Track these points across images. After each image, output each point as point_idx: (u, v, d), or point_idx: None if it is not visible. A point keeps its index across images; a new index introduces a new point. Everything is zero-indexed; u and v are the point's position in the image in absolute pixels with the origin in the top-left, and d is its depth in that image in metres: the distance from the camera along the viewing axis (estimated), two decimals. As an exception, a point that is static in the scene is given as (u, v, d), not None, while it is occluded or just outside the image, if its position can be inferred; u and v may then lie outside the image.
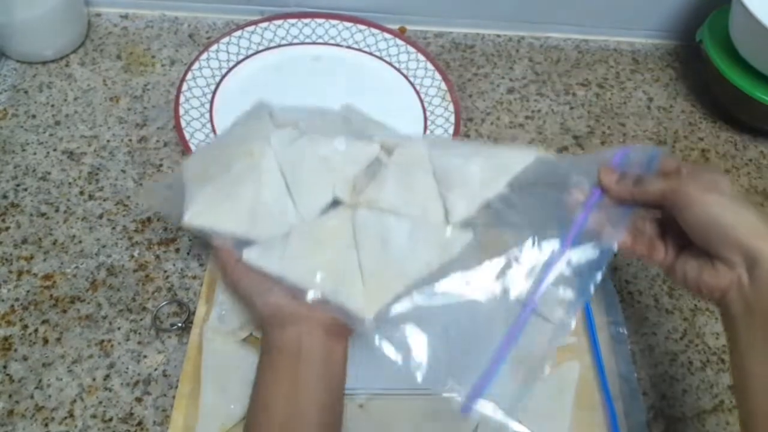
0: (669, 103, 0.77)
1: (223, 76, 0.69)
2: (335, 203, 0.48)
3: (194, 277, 0.57)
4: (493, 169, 0.49)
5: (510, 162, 0.49)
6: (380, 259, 0.45)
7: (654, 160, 0.46)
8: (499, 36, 0.80)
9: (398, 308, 0.45)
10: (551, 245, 0.46)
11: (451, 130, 0.67)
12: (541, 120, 0.73)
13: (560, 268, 0.45)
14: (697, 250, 0.42)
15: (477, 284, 0.46)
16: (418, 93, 0.71)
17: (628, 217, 0.45)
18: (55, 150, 0.64)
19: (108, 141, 0.65)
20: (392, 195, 0.48)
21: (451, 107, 0.69)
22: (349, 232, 0.46)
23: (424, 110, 0.69)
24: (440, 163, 0.49)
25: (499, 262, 0.46)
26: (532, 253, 0.46)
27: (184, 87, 0.67)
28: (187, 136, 0.63)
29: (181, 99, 0.66)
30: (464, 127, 0.70)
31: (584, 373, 0.53)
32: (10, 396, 0.50)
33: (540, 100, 0.75)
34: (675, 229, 0.44)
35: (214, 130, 0.65)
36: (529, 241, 0.46)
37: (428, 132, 0.67)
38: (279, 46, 0.73)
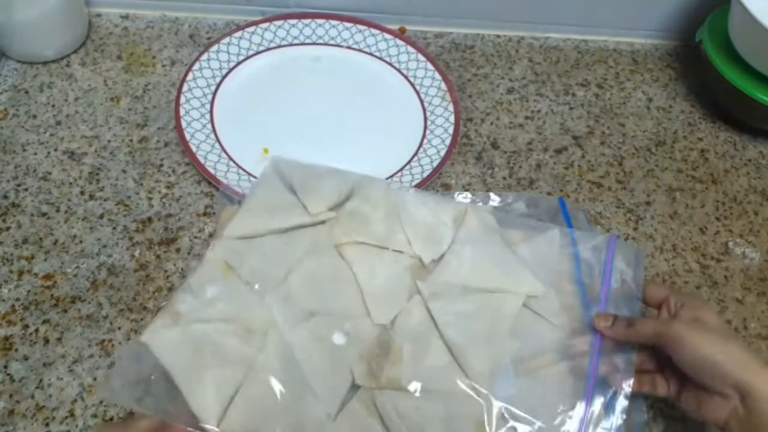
0: (668, 103, 0.77)
1: (224, 77, 0.69)
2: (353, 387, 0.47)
3: (195, 277, 0.57)
4: (490, 323, 0.49)
5: (505, 310, 0.50)
6: None
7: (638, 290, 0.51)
8: (498, 36, 0.80)
9: None
10: (575, 404, 0.47)
11: (450, 130, 0.67)
12: (541, 120, 0.73)
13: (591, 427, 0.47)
14: (695, 383, 0.45)
15: None
16: (418, 93, 0.71)
17: (631, 359, 0.48)
18: (55, 150, 0.64)
19: (109, 141, 0.65)
20: (413, 373, 0.46)
21: (451, 107, 0.69)
22: (377, 422, 0.45)
23: (424, 110, 0.70)
24: (443, 328, 0.49)
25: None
26: (561, 417, 0.47)
27: (185, 87, 0.67)
28: (187, 136, 0.63)
29: (182, 99, 0.66)
30: (464, 128, 0.70)
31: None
32: (10, 396, 0.50)
33: (539, 100, 0.75)
34: (672, 361, 0.46)
35: (214, 130, 0.65)
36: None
37: (428, 132, 0.67)
38: (279, 46, 0.73)
